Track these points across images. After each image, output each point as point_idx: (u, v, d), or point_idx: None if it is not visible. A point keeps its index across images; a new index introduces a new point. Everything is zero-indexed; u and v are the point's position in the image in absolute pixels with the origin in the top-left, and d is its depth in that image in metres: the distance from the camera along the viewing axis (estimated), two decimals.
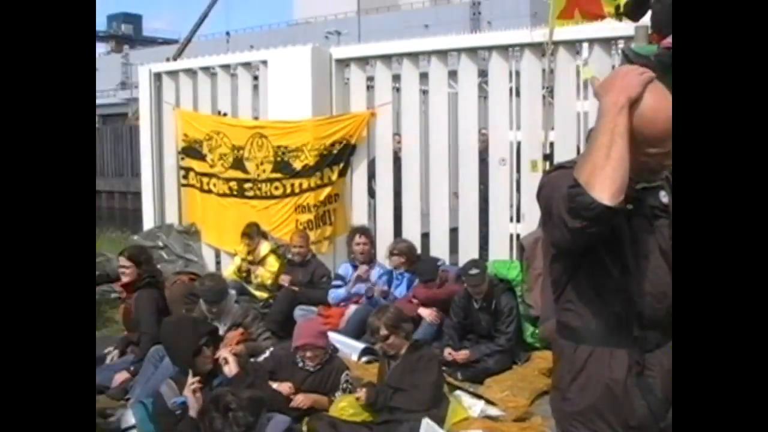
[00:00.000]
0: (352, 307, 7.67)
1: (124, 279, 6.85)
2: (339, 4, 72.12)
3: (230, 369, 4.83)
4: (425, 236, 8.90)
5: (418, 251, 8.18)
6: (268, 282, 8.33)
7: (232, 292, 6.97)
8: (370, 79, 9.49)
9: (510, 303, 6.56)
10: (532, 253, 6.22)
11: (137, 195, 15.59)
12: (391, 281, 7.73)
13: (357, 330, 7.19)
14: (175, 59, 16.76)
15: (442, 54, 8.75)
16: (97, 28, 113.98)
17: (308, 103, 9.05)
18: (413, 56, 8.93)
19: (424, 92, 9.58)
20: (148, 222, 11.03)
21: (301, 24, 79.94)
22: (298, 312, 7.70)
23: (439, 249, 8.60)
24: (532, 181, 7.76)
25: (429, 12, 71.94)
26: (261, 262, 8.47)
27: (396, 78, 9.33)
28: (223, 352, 4.99)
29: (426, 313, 7.06)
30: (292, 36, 52.15)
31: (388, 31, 47.76)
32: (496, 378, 6.18)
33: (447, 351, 6.42)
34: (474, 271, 6.59)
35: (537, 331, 6.46)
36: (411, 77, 8.95)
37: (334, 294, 7.93)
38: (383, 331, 5.29)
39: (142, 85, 11.20)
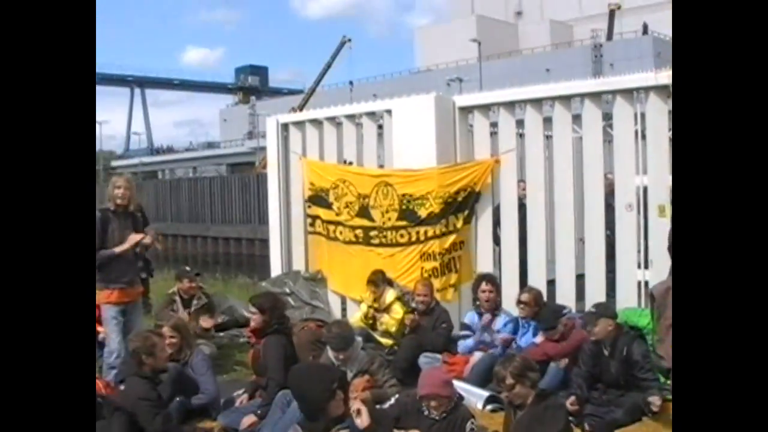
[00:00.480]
0: (477, 355, 7.63)
1: (252, 325, 7.08)
2: (460, 51, 72.71)
3: (362, 421, 4.87)
4: (551, 283, 8.79)
5: (545, 299, 8.09)
6: (393, 329, 8.37)
7: (359, 339, 7.03)
8: (494, 124, 9.50)
9: (643, 350, 6.34)
10: (663, 302, 6.06)
11: (264, 242, 15.95)
12: (517, 329, 7.67)
13: (482, 378, 7.13)
14: (300, 109, 17.21)
15: (566, 99, 8.70)
16: (226, 81, 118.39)
17: (432, 151, 9.12)
18: (536, 102, 8.91)
19: (548, 137, 9.51)
20: (276, 269, 11.26)
21: (422, 71, 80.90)
22: (423, 359, 7.71)
23: (565, 296, 8.48)
24: (659, 227, 7.62)
25: (550, 56, 71.81)
26: (386, 309, 8.52)
27: (519, 123, 9.30)
28: (356, 404, 5.04)
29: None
30: (414, 83, 52.85)
31: (509, 77, 47.96)
32: (626, 429, 6.01)
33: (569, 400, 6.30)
34: (590, 309, 6.53)
35: (668, 382, 6.27)
36: (534, 123, 8.93)
37: (463, 344, 7.92)
38: (509, 380, 5.23)
39: (270, 136, 11.51)
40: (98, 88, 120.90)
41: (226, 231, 37.89)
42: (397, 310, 8.42)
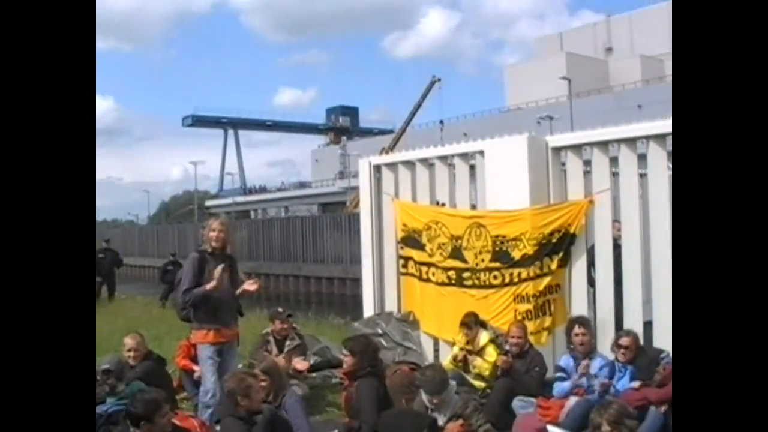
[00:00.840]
0: (573, 399, 7.47)
1: (345, 368, 7.12)
2: (550, 89, 72.44)
3: None
4: (647, 324, 8.57)
5: (641, 341, 7.89)
6: (486, 372, 8.28)
7: (453, 382, 6.98)
8: (587, 163, 9.37)
9: None
10: None
11: (355, 281, 16.01)
12: (613, 373, 7.49)
13: (577, 424, 6.96)
14: (391, 149, 17.34)
15: (660, 137, 8.53)
16: (317, 121, 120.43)
17: (525, 192, 9.07)
18: (630, 141, 8.77)
19: (642, 175, 9.32)
20: (368, 309, 11.30)
21: (512, 110, 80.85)
22: (517, 403, 7.60)
23: (663, 339, 8.24)
24: None
25: (641, 92, 70.97)
26: (479, 352, 8.44)
27: (613, 161, 9.16)
28: None
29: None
30: (504, 122, 52.83)
31: (600, 114, 47.50)
32: None
33: None
34: None
35: None
36: (629, 162, 8.78)
37: (559, 386, 7.78)
38: (605, 428, 5.14)
39: (362, 177, 11.62)
40: (194, 130, 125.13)
41: (317, 270, 38.23)
42: (491, 353, 8.33)
